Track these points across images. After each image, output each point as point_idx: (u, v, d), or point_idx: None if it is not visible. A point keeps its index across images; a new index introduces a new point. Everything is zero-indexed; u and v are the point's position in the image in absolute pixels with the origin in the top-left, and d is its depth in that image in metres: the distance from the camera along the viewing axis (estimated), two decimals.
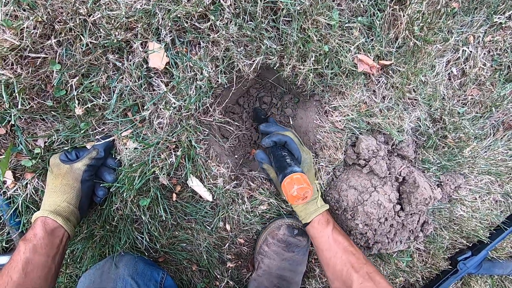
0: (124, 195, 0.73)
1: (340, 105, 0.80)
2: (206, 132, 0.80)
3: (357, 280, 0.67)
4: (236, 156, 0.94)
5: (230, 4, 0.63)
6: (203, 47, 0.68)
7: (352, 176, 0.86)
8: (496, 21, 0.78)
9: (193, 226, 0.86)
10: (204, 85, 0.70)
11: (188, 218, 0.85)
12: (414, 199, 0.78)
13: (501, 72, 0.83)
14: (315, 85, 0.77)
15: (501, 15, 0.77)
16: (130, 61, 0.66)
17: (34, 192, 0.75)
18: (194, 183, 0.80)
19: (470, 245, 1.04)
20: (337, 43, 0.73)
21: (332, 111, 0.83)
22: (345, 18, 0.72)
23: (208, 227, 0.86)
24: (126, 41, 0.65)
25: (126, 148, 0.74)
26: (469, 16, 0.77)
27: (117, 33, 0.63)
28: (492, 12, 0.77)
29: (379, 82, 0.81)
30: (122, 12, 0.60)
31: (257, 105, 0.97)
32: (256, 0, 0.64)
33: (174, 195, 0.81)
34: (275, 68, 0.75)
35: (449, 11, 0.74)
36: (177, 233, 0.86)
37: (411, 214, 0.82)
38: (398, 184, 0.83)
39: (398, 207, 0.81)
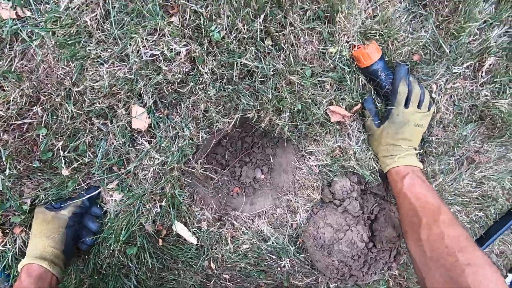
0: (112, 247, 0.77)
1: (316, 151, 0.86)
2: (190, 179, 0.85)
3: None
4: (219, 195, 0.99)
5: (207, 71, 0.68)
6: (183, 108, 0.72)
7: (329, 213, 0.92)
8: (456, 71, 0.85)
9: (180, 267, 0.90)
10: (186, 142, 0.74)
11: (174, 259, 0.89)
12: (384, 237, 0.84)
13: (462, 116, 0.90)
14: (291, 135, 0.82)
15: (459, 66, 0.84)
16: (114, 124, 0.70)
17: (23, 245, 0.77)
18: (179, 228, 0.84)
19: None
20: (309, 98, 0.78)
21: (308, 156, 0.88)
22: (316, 75, 0.77)
23: (194, 267, 0.91)
24: (109, 106, 0.69)
25: (113, 200, 0.77)
26: (429, 66, 0.83)
27: (100, 101, 0.66)
28: (451, 64, 0.84)
29: (352, 125, 0.87)
30: (105, 83, 0.64)
31: (238, 144, 1.02)
32: (232, 66, 0.69)
33: (160, 240, 0.84)
34: (253, 121, 0.80)
35: (408, 63, 0.81)
36: (164, 274, 0.90)
37: (383, 250, 0.88)
38: (370, 222, 0.89)
39: (371, 244, 0.87)
